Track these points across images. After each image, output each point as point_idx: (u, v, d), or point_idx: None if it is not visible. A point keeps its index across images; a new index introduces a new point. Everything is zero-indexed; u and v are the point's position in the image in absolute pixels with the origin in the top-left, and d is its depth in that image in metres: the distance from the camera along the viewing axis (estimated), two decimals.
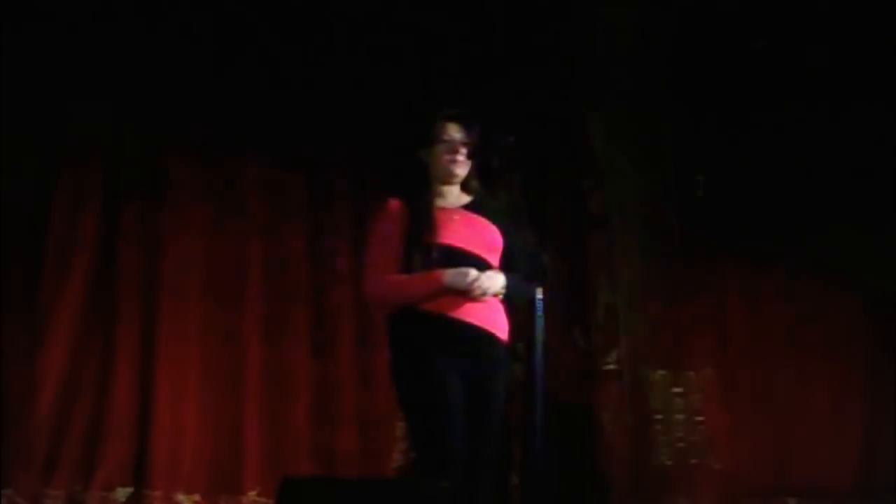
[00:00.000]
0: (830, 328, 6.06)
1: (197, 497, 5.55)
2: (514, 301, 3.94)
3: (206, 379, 5.66)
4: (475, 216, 3.95)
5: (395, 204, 3.95)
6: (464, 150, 3.94)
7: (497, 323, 3.88)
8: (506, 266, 3.93)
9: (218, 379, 5.68)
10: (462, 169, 3.96)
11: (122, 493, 5.48)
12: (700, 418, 5.96)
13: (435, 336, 3.80)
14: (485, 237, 3.92)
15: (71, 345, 5.53)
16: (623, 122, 6.00)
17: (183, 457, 5.57)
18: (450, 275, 3.79)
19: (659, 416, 5.95)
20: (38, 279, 5.53)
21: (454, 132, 3.96)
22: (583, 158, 5.97)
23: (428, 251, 3.83)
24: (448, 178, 3.97)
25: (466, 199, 4.01)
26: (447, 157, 3.94)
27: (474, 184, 4.02)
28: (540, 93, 5.91)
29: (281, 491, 3.57)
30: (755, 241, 6.05)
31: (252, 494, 5.56)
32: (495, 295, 3.85)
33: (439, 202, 3.96)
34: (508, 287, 3.87)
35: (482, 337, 3.84)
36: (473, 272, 3.78)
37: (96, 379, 5.56)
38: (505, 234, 3.97)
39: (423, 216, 3.89)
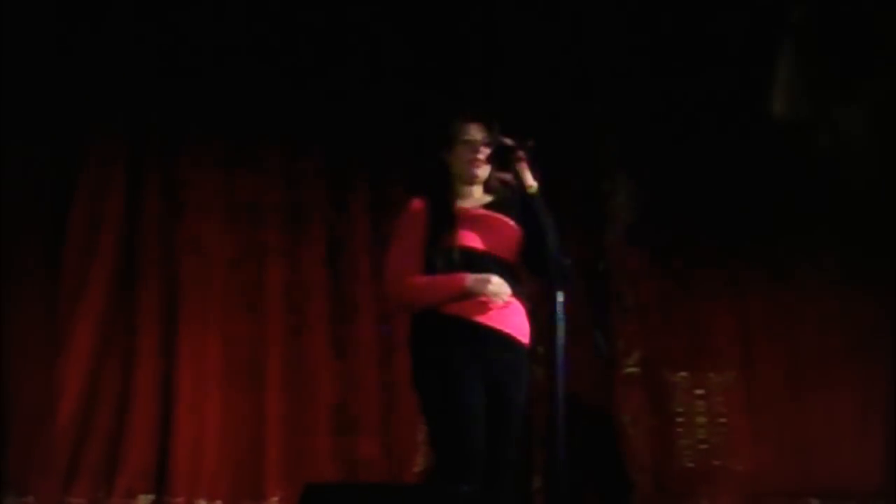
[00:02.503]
0: (854, 329, 6.02)
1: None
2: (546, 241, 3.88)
3: (228, 385, 5.67)
4: (497, 215, 3.93)
5: (417, 205, 3.94)
6: (484, 151, 3.93)
7: (518, 327, 3.87)
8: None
9: (239, 385, 5.69)
10: (483, 170, 3.95)
11: (144, 500, 5.50)
12: (722, 420, 5.95)
13: (456, 339, 3.79)
14: (506, 237, 3.91)
15: (92, 353, 5.55)
16: (640, 126, 5.99)
17: (204, 463, 5.57)
18: (471, 280, 3.78)
19: (681, 419, 5.94)
20: (58, 288, 5.55)
21: (476, 132, 3.95)
22: (602, 161, 5.97)
23: (449, 253, 3.82)
24: (469, 179, 3.96)
25: (488, 198, 4.00)
26: (468, 157, 3.93)
27: (495, 183, 4.01)
28: (558, 95, 5.91)
29: (303, 497, 3.57)
30: (778, 242, 6.01)
31: (274, 500, 5.56)
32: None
33: (461, 203, 3.95)
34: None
35: (503, 340, 3.83)
36: (495, 279, 3.78)
37: (117, 386, 5.59)
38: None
39: (443, 218, 3.88)
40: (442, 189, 3.96)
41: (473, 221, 3.89)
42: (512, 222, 3.93)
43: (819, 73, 5.86)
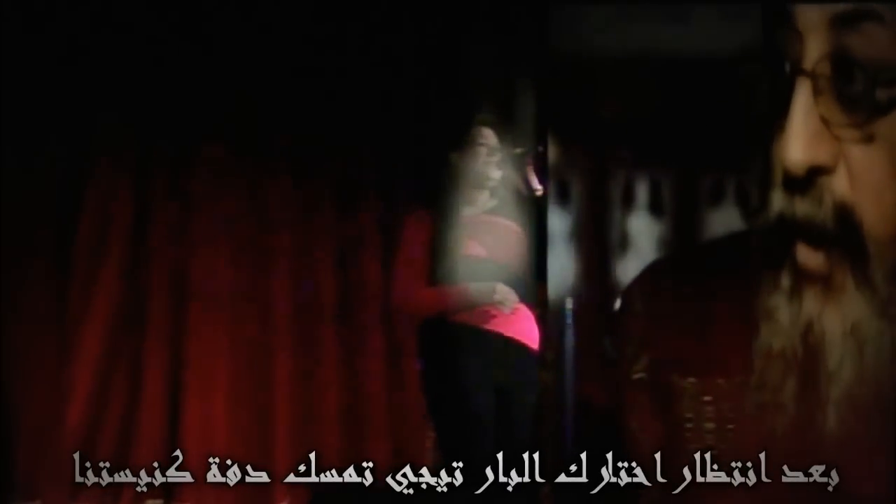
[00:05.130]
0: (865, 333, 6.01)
1: None
2: None
3: (236, 390, 5.68)
4: (502, 220, 3.96)
5: (422, 214, 3.96)
6: (499, 156, 3.94)
7: (527, 332, 3.88)
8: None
9: (247, 390, 5.70)
10: (496, 173, 3.96)
11: None
12: (731, 426, 5.93)
13: (464, 345, 3.80)
14: (511, 242, 3.92)
15: (100, 358, 5.57)
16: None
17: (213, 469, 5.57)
18: (476, 290, 3.80)
19: (689, 424, 5.92)
20: (66, 292, 5.56)
21: (490, 136, 3.97)
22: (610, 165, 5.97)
23: (455, 262, 3.83)
24: (483, 181, 3.98)
25: (493, 202, 4.02)
26: (485, 159, 3.94)
27: (499, 187, 4.02)
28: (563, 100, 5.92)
29: (312, 503, 3.57)
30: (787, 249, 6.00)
31: None
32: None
33: (467, 209, 3.97)
34: None
35: (512, 347, 3.84)
36: (500, 287, 3.80)
37: (125, 391, 5.60)
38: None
39: (449, 227, 3.89)
40: (448, 196, 3.96)
41: (478, 228, 3.91)
42: (517, 226, 3.94)
43: (836, 116, 5.86)
